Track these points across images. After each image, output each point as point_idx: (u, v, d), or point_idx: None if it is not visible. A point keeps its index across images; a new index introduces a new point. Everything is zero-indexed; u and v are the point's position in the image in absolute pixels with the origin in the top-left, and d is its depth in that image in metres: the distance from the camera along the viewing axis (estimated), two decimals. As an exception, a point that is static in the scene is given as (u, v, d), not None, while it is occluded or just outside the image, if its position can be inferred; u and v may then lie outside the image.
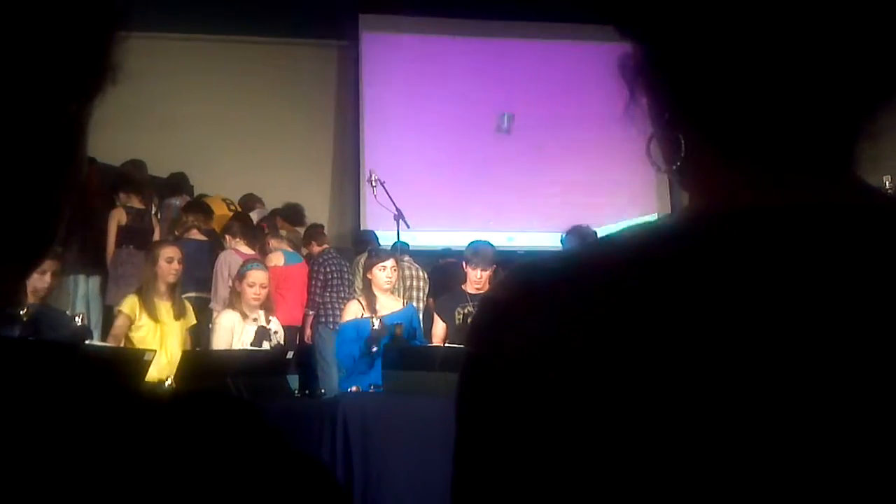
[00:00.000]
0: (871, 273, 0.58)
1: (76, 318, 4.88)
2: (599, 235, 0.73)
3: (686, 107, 0.64)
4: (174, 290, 5.21)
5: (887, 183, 4.63)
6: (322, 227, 7.93)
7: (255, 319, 5.22)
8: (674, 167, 0.66)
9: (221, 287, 6.24)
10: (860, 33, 0.60)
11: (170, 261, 5.16)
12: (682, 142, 0.65)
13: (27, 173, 0.46)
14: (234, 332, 5.15)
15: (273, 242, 7.09)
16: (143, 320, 5.03)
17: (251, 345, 5.07)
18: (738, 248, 0.60)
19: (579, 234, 5.33)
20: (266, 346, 5.11)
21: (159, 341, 4.99)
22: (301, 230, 7.94)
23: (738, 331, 0.57)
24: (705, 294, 0.58)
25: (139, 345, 4.87)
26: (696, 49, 0.62)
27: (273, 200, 8.32)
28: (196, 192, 8.35)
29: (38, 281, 4.69)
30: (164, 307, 5.12)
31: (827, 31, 0.59)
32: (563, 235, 5.55)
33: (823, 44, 0.60)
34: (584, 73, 9.49)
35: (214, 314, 5.84)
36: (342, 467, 4.20)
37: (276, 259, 6.79)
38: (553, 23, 9.62)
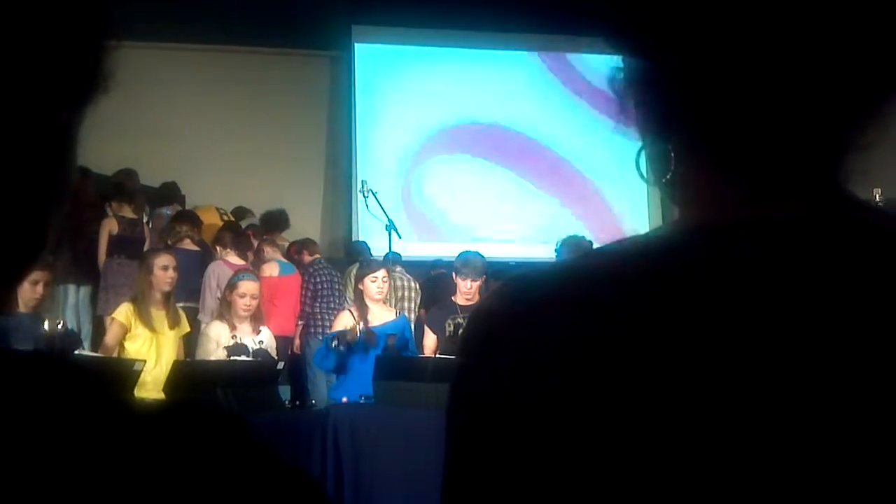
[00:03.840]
0: (861, 285, 0.58)
1: (58, 326, 4.84)
2: (594, 246, 0.73)
3: (677, 119, 0.65)
4: (169, 299, 5.17)
5: (877, 195, 4.65)
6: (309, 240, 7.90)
7: (244, 332, 5.19)
8: (664, 180, 0.66)
9: (209, 298, 6.22)
10: (848, 46, 0.60)
11: (165, 269, 5.12)
12: (672, 154, 0.65)
13: (17, 182, 0.45)
14: (220, 343, 5.12)
15: (269, 251, 7.08)
16: (139, 329, 4.99)
17: (228, 355, 5.03)
18: (731, 262, 0.60)
19: (574, 245, 5.34)
20: (243, 358, 5.07)
21: (155, 351, 4.94)
22: (284, 238, 7.92)
23: (732, 346, 0.57)
24: (699, 309, 0.58)
25: (134, 355, 4.82)
26: (688, 62, 0.62)
27: (265, 209, 8.30)
28: (187, 202, 8.34)
29: (30, 291, 4.65)
30: (159, 316, 5.07)
31: (815, 44, 0.60)
32: (558, 246, 5.55)
33: (812, 56, 0.60)
34: (576, 83, 9.53)
35: (203, 325, 5.82)
36: (332, 478, 4.19)
37: (271, 269, 6.78)
38: (545, 34, 9.65)
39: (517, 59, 10.09)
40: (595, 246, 0.78)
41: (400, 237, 7.00)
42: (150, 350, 4.92)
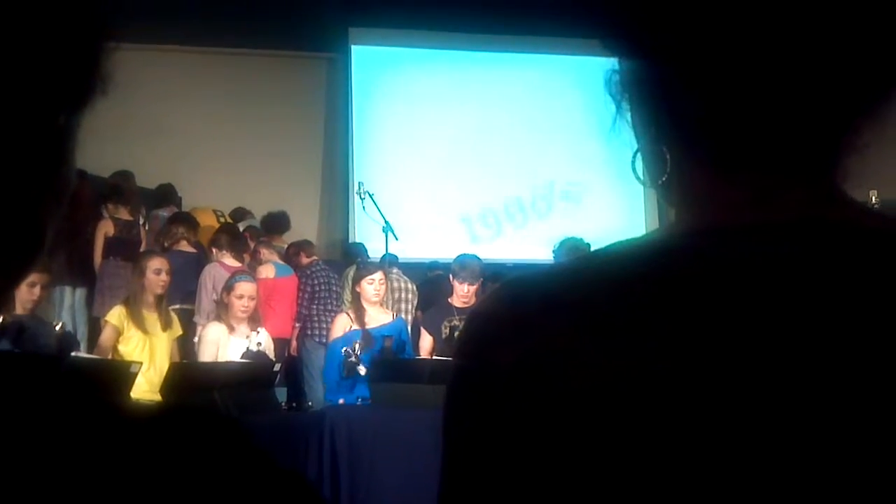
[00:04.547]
0: (858, 288, 0.58)
1: (56, 327, 4.84)
2: (591, 248, 0.73)
3: (673, 121, 0.65)
4: (161, 302, 5.17)
5: (873, 197, 4.66)
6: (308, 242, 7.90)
7: (241, 333, 5.18)
8: (660, 182, 0.66)
9: (205, 300, 6.21)
10: (844, 48, 0.60)
11: (157, 272, 5.12)
12: (668, 156, 0.65)
13: (15, 184, 0.45)
14: (219, 345, 5.11)
15: (265, 253, 7.08)
16: (132, 332, 4.99)
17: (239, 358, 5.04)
18: (728, 266, 0.60)
19: (571, 248, 5.34)
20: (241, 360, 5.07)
21: (148, 353, 4.95)
22: (284, 240, 7.92)
23: (731, 350, 0.57)
24: (696, 312, 0.58)
25: (127, 357, 4.82)
26: (684, 65, 0.62)
27: (261, 212, 8.31)
28: (184, 204, 8.33)
29: (27, 293, 4.65)
30: (152, 318, 5.08)
31: (811, 45, 0.60)
32: (556, 248, 5.56)
33: (809, 58, 0.60)
34: (572, 85, 9.52)
35: (199, 327, 5.81)
36: (329, 480, 4.18)
37: (267, 271, 6.77)
38: (543, 36, 9.66)
39: (514, 60, 10.09)
40: (592, 248, 0.78)
41: (397, 239, 6.98)
42: (142, 352, 4.93)
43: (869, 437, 0.55)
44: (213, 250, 6.65)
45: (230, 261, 6.47)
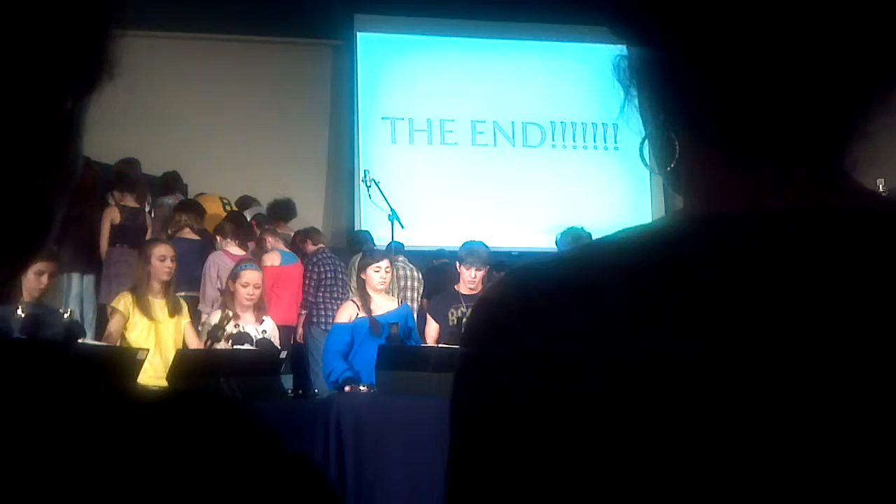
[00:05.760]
0: (866, 275, 0.58)
1: (65, 315, 4.86)
2: (594, 237, 0.73)
3: (681, 107, 0.64)
4: (168, 288, 5.19)
5: (881, 186, 4.64)
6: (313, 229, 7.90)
7: (245, 320, 5.19)
8: (668, 168, 0.66)
9: (209, 288, 6.22)
10: (853, 33, 0.60)
11: (162, 259, 5.14)
12: (676, 143, 0.65)
13: (21, 170, 0.45)
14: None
15: (270, 241, 7.09)
16: (138, 318, 5.01)
17: (231, 344, 5.04)
18: (736, 252, 0.60)
19: (573, 237, 5.34)
20: (246, 347, 5.08)
21: (154, 339, 4.96)
22: (290, 227, 7.92)
23: (737, 337, 0.57)
24: (703, 299, 0.58)
25: (134, 343, 4.84)
26: (692, 50, 0.62)
27: (267, 199, 8.32)
28: (190, 191, 8.33)
29: (35, 282, 4.67)
30: (159, 305, 5.09)
31: (820, 31, 0.60)
32: (558, 237, 5.55)
33: (817, 43, 0.60)
34: (580, 73, 9.50)
35: (203, 315, 5.82)
36: (335, 467, 4.20)
37: (273, 259, 6.78)
38: (551, 23, 9.63)
39: (521, 48, 10.06)
40: (594, 237, 0.77)
41: (402, 227, 6.98)
42: (148, 338, 4.94)
43: (874, 424, 0.55)
44: (218, 238, 6.65)
45: (234, 249, 6.48)
